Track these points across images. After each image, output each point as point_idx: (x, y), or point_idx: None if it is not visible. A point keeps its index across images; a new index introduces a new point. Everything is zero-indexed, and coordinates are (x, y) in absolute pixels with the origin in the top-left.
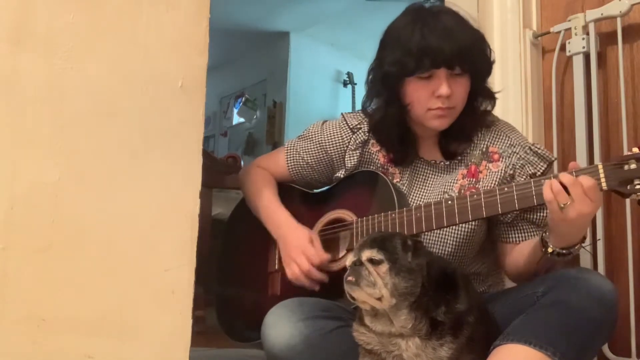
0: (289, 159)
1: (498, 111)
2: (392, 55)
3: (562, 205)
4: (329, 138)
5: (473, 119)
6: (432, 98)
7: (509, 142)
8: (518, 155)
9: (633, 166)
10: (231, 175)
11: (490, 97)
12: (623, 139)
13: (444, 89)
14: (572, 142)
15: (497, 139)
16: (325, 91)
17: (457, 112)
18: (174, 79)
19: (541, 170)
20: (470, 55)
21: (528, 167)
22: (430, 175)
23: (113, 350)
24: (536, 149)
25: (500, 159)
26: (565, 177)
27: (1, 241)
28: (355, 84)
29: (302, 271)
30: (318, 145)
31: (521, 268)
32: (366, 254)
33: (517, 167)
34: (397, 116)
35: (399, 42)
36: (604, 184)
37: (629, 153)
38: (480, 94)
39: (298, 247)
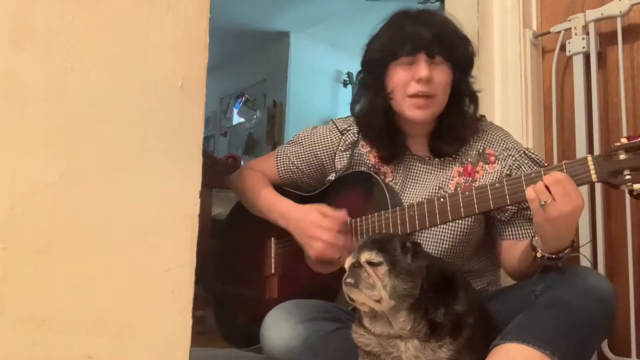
0: (278, 163)
1: (498, 111)
2: (377, 44)
3: (543, 203)
4: (319, 141)
5: (462, 120)
6: (411, 83)
7: (504, 146)
8: (514, 158)
9: (622, 157)
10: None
11: (473, 96)
12: None
13: (422, 71)
14: (572, 142)
15: (493, 142)
16: (325, 91)
17: (438, 103)
18: (174, 79)
19: None
20: (449, 42)
21: (524, 168)
22: (423, 172)
23: (113, 350)
24: (530, 154)
25: (497, 161)
26: (547, 178)
27: (1, 241)
28: (355, 84)
29: (326, 243)
30: (308, 149)
31: (516, 268)
32: (365, 256)
33: (514, 168)
34: (382, 107)
35: (384, 33)
36: (594, 176)
37: (618, 144)
38: (465, 92)
39: (312, 223)
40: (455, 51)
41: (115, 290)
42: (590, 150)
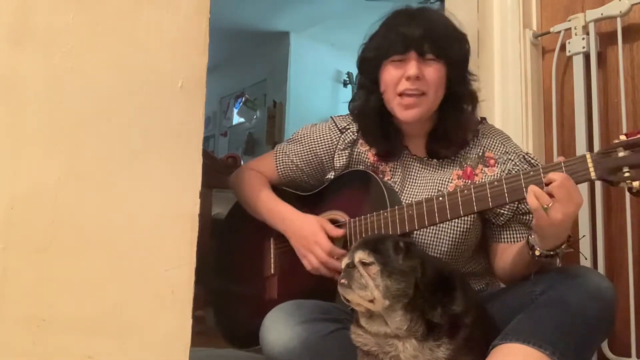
0: (278, 161)
1: (498, 111)
2: (371, 44)
3: (546, 207)
4: (318, 139)
5: (459, 121)
6: (402, 80)
7: (504, 150)
8: (513, 162)
9: (621, 154)
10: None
11: (471, 95)
12: None
13: (411, 69)
14: (572, 142)
15: (493, 146)
16: (325, 91)
17: (429, 101)
18: (174, 79)
19: None
20: (440, 40)
21: None
22: (422, 172)
23: (113, 350)
24: (529, 159)
25: (496, 165)
26: (549, 185)
27: (1, 241)
28: (355, 84)
29: (320, 261)
30: (307, 147)
31: (508, 270)
32: (358, 256)
33: (513, 172)
34: (377, 106)
35: (378, 33)
36: (592, 174)
37: (617, 141)
38: (462, 91)
39: (310, 238)
40: (448, 49)
41: (115, 290)
42: (590, 150)
